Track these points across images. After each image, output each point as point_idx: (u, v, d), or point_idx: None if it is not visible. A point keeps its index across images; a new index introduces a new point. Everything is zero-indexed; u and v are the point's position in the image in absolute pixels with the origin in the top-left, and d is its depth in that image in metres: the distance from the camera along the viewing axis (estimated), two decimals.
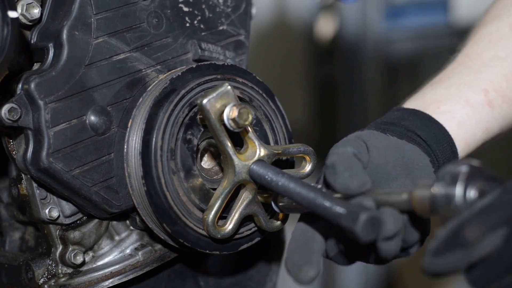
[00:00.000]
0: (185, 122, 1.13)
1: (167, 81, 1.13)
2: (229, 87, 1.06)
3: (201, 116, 1.13)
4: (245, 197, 1.12)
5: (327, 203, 0.98)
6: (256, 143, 1.11)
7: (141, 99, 1.14)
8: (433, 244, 0.87)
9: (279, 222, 1.16)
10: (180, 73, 1.14)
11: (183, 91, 1.12)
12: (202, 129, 1.15)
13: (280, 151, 1.14)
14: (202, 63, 1.17)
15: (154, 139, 1.10)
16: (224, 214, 1.11)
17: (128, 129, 1.13)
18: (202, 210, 1.12)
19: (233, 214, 1.11)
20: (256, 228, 1.17)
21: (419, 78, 4.41)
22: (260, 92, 1.19)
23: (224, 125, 1.06)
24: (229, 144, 1.08)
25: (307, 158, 1.18)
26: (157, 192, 1.09)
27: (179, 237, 1.11)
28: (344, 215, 0.95)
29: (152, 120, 1.10)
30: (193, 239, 1.12)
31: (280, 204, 1.11)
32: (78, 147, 1.11)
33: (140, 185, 1.10)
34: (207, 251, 1.13)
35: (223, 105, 1.06)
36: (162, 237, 1.15)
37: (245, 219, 1.14)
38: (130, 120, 1.13)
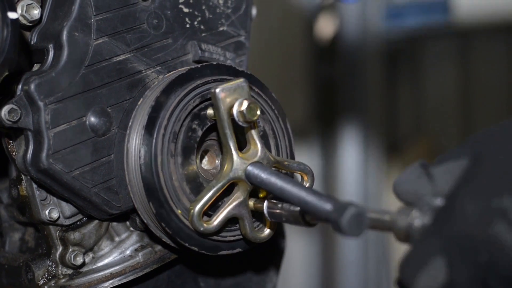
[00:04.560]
0: (193, 112, 1.13)
1: (185, 69, 1.14)
2: (245, 82, 1.07)
3: (211, 111, 1.13)
4: (236, 197, 1.11)
5: (314, 199, 0.98)
6: (259, 145, 1.11)
7: (141, 99, 1.14)
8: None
9: (263, 235, 1.14)
10: (199, 66, 1.15)
11: (198, 82, 1.13)
12: (209, 123, 1.14)
13: (279, 161, 1.14)
14: (223, 64, 1.18)
15: (160, 117, 1.10)
16: (210, 211, 1.11)
17: (130, 124, 1.12)
18: (191, 201, 1.11)
19: (220, 211, 1.10)
20: (240, 237, 1.15)
21: (420, 78, 4.42)
22: (273, 108, 1.19)
23: (232, 119, 1.06)
24: (233, 139, 1.08)
25: (305, 177, 1.17)
26: (151, 169, 1.09)
27: (161, 220, 1.09)
28: (331, 210, 0.95)
29: (162, 100, 1.10)
30: (175, 227, 1.10)
31: (271, 210, 1.10)
32: (78, 148, 1.11)
33: (137, 173, 1.10)
34: (186, 244, 1.11)
35: (235, 98, 1.06)
36: (166, 241, 1.15)
37: (232, 225, 1.13)
38: (132, 117, 1.13)
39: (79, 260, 1.18)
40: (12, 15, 1.02)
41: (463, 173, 0.90)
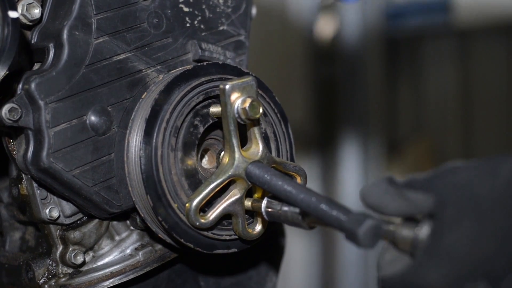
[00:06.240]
0: (196, 108, 1.13)
1: (190, 66, 1.15)
2: (253, 81, 1.08)
3: (214, 109, 1.13)
4: (233, 194, 1.11)
5: (326, 206, 0.98)
6: (260, 144, 1.11)
7: (146, 93, 1.14)
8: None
9: (254, 233, 1.15)
10: (205, 64, 1.15)
11: (203, 79, 1.14)
12: (211, 121, 1.15)
13: (278, 162, 1.14)
14: (228, 64, 1.18)
15: (162, 111, 1.10)
16: (205, 208, 1.11)
17: (133, 116, 1.13)
18: (188, 197, 1.11)
19: (217, 206, 1.11)
20: (235, 237, 1.15)
21: (420, 78, 4.42)
22: (276, 111, 1.20)
23: (238, 122, 1.07)
24: (237, 136, 1.08)
25: (298, 178, 1.17)
26: (151, 162, 1.09)
27: (158, 214, 1.10)
28: (347, 220, 0.94)
29: (166, 94, 1.11)
30: (172, 222, 1.10)
31: (269, 209, 1.10)
32: (79, 147, 1.11)
33: (137, 165, 1.10)
34: (182, 240, 1.11)
35: (243, 96, 1.07)
36: (162, 237, 1.15)
37: (228, 224, 1.13)
38: (135, 110, 1.13)
39: (80, 259, 1.18)
40: (12, 14, 1.02)
41: (428, 232, 0.89)
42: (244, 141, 1.12)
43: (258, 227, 1.15)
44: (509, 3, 3.91)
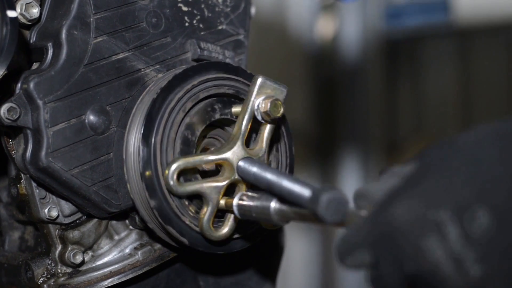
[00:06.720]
0: (197, 106, 1.13)
1: (194, 64, 1.15)
2: (286, 89, 1.11)
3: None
4: (216, 180, 1.10)
5: (290, 184, 0.98)
6: (265, 148, 1.12)
7: (152, 84, 1.15)
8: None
9: (217, 234, 1.11)
10: (208, 63, 1.16)
11: (206, 77, 1.14)
12: (212, 119, 1.15)
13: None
14: (232, 65, 1.18)
15: (164, 106, 1.10)
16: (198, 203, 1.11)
17: (132, 115, 1.13)
18: None
19: (197, 181, 1.10)
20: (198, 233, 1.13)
21: (420, 78, 4.42)
22: (281, 126, 1.20)
23: (254, 116, 1.09)
24: (246, 127, 1.10)
25: None
26: (149, 154, 1.09)
27: (152, 197, 1.08)
28: (309, 197, 0.93)
29: (167, 91, 1.11)
30: (166, 216, 1.09)
31: (242, 202, 1.08)
32: (77, 146, 1.11)
33: (135, 154, 1.10)
34: (175, 232, 1.11)
35: (270, 95, 1.09)
36: (161, 236, 1.15)
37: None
38: (131, 117, 1.13)
39: (79, 258, 1.18)
40: (11, 13, 1.02)
41: (405, 176, 0.88)
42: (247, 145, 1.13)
43: (223, 230, 1.12)
44: (509, 3, 3.91)
